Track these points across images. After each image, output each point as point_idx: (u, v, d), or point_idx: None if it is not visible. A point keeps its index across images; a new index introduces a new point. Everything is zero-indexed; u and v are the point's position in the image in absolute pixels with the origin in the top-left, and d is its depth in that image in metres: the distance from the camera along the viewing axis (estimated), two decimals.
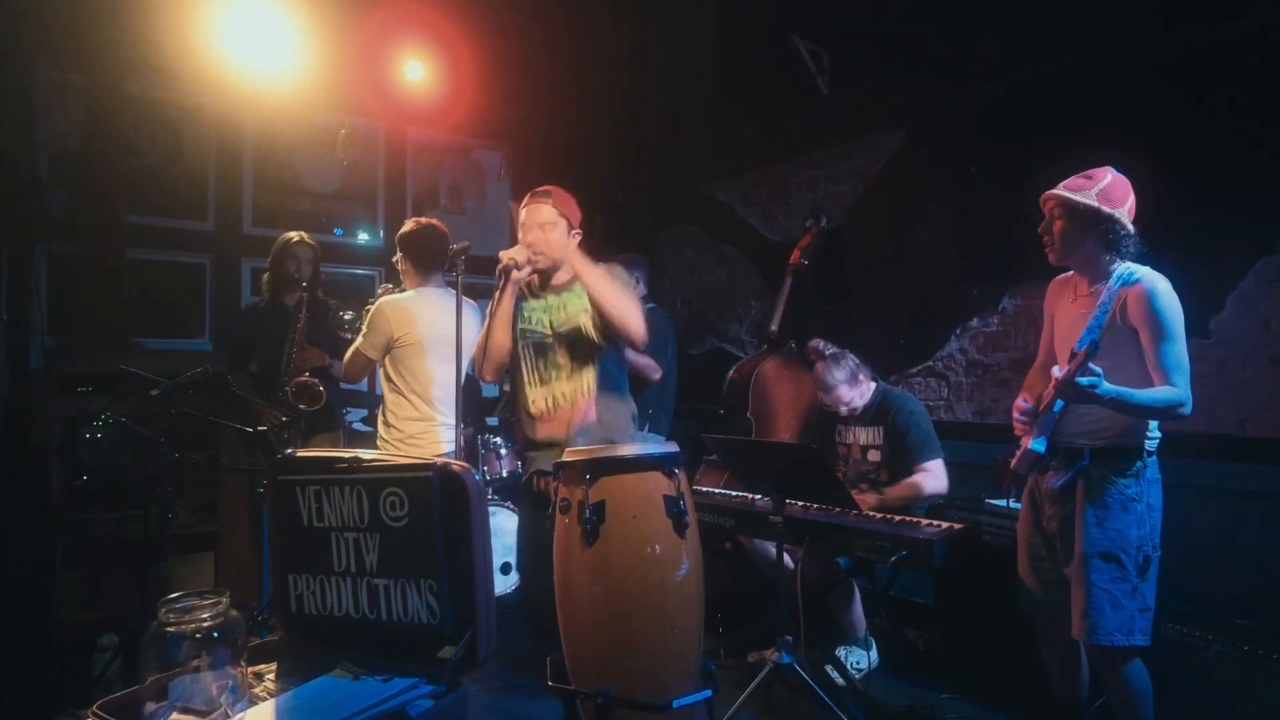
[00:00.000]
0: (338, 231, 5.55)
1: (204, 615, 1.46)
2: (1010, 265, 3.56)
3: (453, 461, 1.59)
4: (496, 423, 5.56)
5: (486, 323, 2.45)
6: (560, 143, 5.55)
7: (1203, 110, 2.94)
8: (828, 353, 3.31)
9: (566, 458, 1.87)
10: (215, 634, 1.47)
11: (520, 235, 2.50)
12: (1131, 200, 2.21)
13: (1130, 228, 2.17)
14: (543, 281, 2.57)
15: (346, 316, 3.24)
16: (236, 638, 1.53)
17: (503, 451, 4.74)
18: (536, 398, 2.41)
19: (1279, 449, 2.78)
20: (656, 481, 1.78)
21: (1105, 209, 2.17)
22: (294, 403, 3.19)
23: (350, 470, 1.66)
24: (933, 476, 3.13)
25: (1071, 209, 2.20)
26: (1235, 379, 2.89)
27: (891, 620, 3.48)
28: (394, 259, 3.04)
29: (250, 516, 3.74)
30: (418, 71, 4.78)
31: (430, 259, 2.91)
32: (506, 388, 5.91)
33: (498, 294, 2.39)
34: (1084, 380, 2.01)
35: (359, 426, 4.37)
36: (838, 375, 3.22)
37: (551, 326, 2.47)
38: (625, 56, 5.00)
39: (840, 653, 3.28)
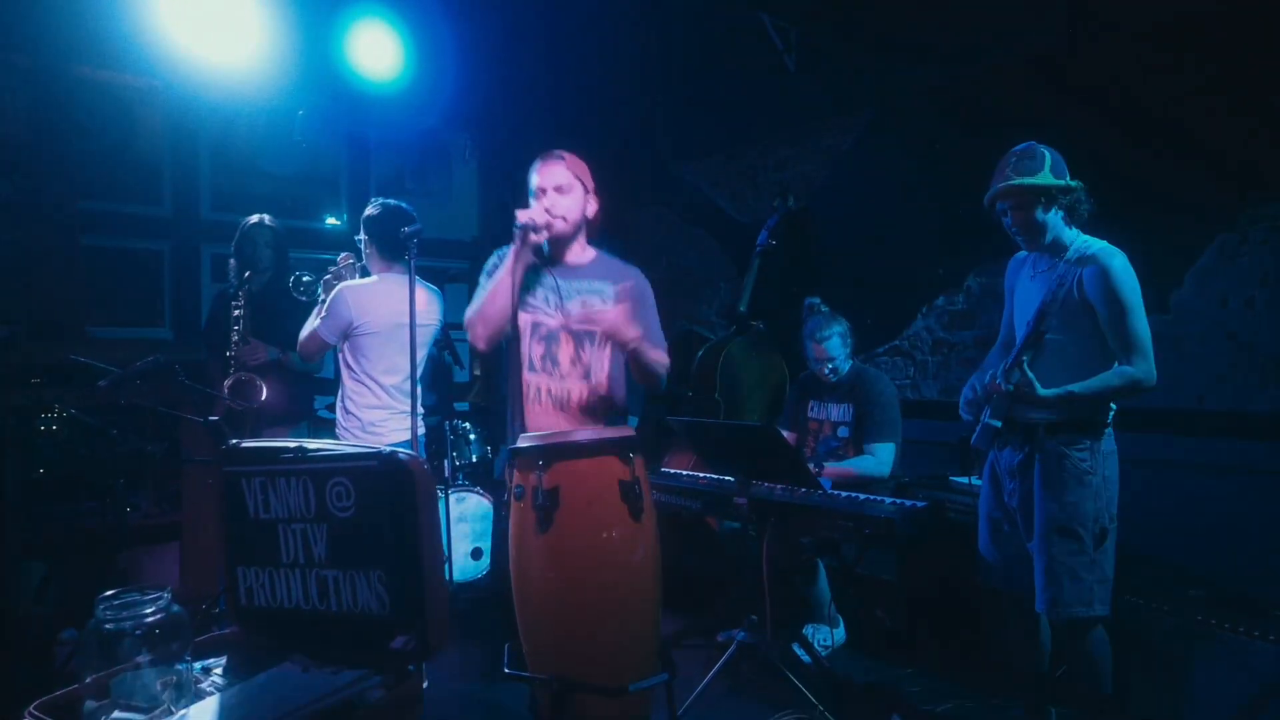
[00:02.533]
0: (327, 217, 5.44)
1: (145, 611, 1.43)
2: (976, 244, 3.57)
3: (399, 450, 1.57)
4: (467, 407, 5.52)
5: (492, 284, 2.19)
6: (527, 125, 5.47)
7: (1165, 88, 2.95)
8: (824, 309, 3.35)
9: (520, 444, 1.85)
10: (158, 630, 1.43)
11: (533, 200, 2.27)
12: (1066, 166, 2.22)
13: (1082, 190, 2.18)
14: (554, 254, 2.31)
15: (305, 279, 3.12)
16: (180, 633, 1.51)
17: (471, 437, 4.71)
18: (531, 383, 2.22)
19: (1236, 422, 2.83)
20: (611, 466, 1.77)
21: (1068, 182, 2.18)
22: (229, 400, 3.08)
23: (295, 461, 1.62)
24: (874, 461, 3.16)
25: (1038, 193, 2.18)
26: (1194, 354, 2.93)
27: (858, 597, 3.51)
28: (357, 237, 2.95)
29: (214, 506, 3.67)
30: (380, 51, 4.66)
31: (396, 244, 2.78)
32: (478, 372, 5.87)
33: (511, 255, 2.16)
34: (1008, 385, 2.10)
35: (324, 414, 4.30)
36: (834, 327, 3.25)
37: (560, 313, 2.25)
38: (593, 35, 4.91)
39: (807, 630, 3.30)
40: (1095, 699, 2.27)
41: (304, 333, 2.82)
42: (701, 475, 3.38)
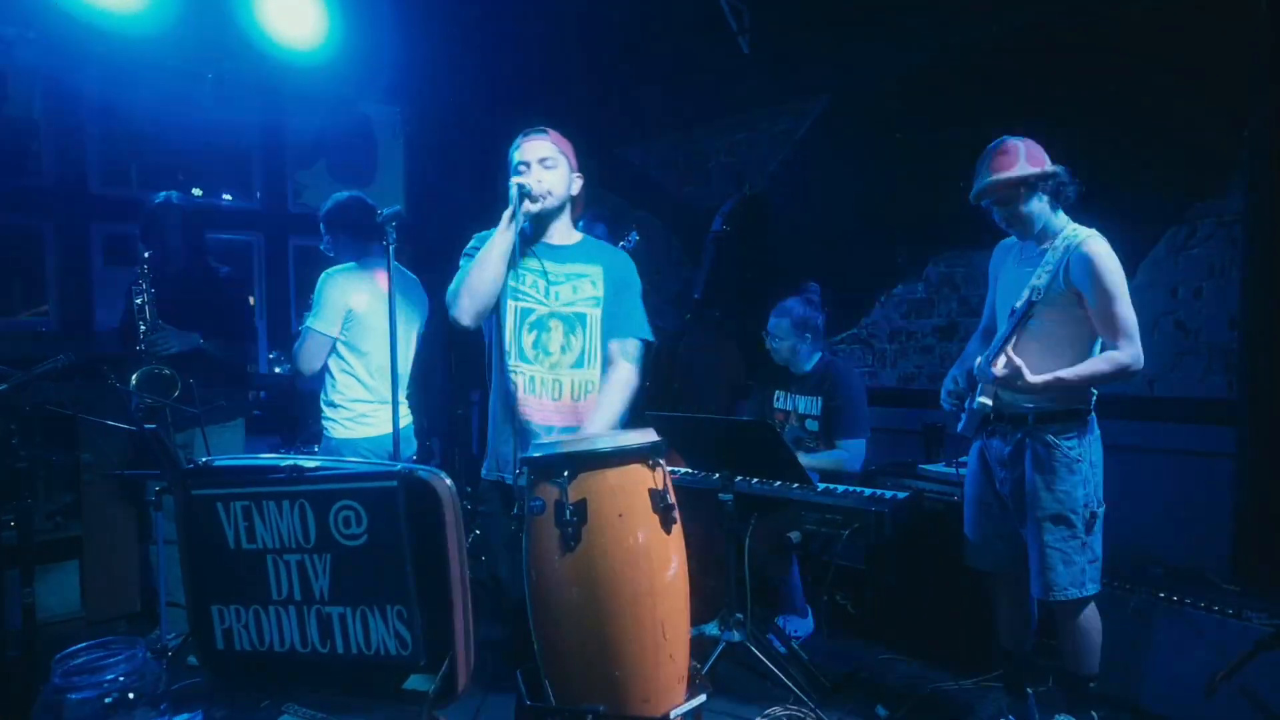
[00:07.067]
0: (195, 191, 4.93)
1: (112, 676, 1.18)
2: (935, 232, 3.61)
3: (418, 467, 1.37)
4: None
5: (482, 253, 2.02)
6: (461, 101, 5.14)
7: (1118, 81, 3.04)
8: (806, 295, 3.28)
9: (535, 452, 1.67)
10: (130, 695, 1.19)
11: (515, 174, 2.14)
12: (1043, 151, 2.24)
13: (1064, 172, 2.21)
14: (539, 233, 2.19)
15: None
16: (155, 688, 1.27)
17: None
18: (524, 372, 2.08)
19: (1184, 408, 2.97)
20: (640, 474, 1.63)
21: (1043, 168, 2.19)
22: (140, 393, 2.74)
23: (289, 482, 1.39)
24: (847, 457, 3.16)
25: (1018, 185, 2.19)
26: (1144, 342, 3.00)
27: (822, 585, 3.51)
28: (322, 245, 2.80)
29: (124, 521, 3.26)
30: (300, 13, 4.22)
31: (367, 229, 2.68)
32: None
33: (505, 220, 2.02)
34: (1001, 369, 2.09)
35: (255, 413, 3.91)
36: (782, 320, 3.20)
37: (549, 299, 2.13)
38: (536, 6, 4.65)
39: (779, 621, 3.28)
40: (1078, 678, 2.32)
41: (300, 343, 2.62)
42: (672, 469, 3.28)
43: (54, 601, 3.40)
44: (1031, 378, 2.10)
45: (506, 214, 2.02)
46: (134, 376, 2.79)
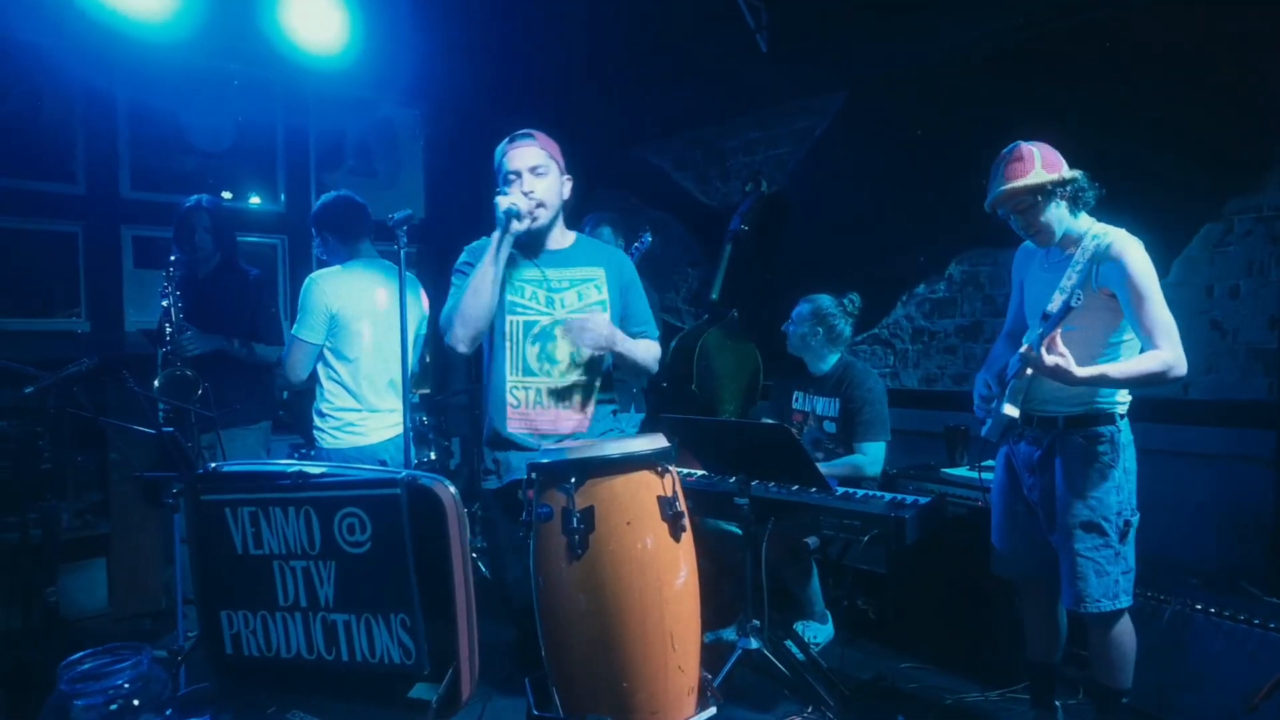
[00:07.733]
0: (225, 194, 5.01)
1: (118, 683, 1.18)
2: (957, 231, 3.53)
3: (422, 474, 1.36)
4: (416, 400, 5.22)
5: (473, 280, 1.97)
6: (479, 102, 5.16)
7: (1151, 75, 2.94)
8: (842, 299, 3.28)
9: (543, 459, 1.66)
10: (136, 701, 1.20)
11: (506, 185, 2.09)
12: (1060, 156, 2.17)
13: (1083, 177, 2.13)
14: (535, 243, 2.13)
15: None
16: (161, 694, 1.27)
17: (430, 435, 4.44)
18: (529, 386, 2.04)
19: (1221, 410, 2.87)
20: (649, 481, 1.61)
21: (1060, 174, 2.12)
22: (159, 395, 2.78)
23: (295, 488, 1.39)
24: (867, 460, 3.10)
25: (1034, 192, 2.13)
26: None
27: (842, 589, 3.46)
28: (314, 248, 2.80)
29: (150, 521, 3.32)
30: (322, 18, 4.26)
31: (355, 228, 2.67)
32: (428, 359, 5.57)
33: (493, 247, 1.98)
34: (1051, 359, 1.97)
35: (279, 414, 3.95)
36: (821, 305, 3.18)
37: (552, 306, 2.08)
38: (552, 7, 4.65)
39: (798, 627, 3.23)
40: (1110, 692, 2.25)
41: (287, 350, 2.63)
42: (687, 472, 3.25)
43: (83, 598, 3.48)
44: (1079, 371, 1.99)
45: (495, 237, 1.99)
46: (157, 379, 2.84)
